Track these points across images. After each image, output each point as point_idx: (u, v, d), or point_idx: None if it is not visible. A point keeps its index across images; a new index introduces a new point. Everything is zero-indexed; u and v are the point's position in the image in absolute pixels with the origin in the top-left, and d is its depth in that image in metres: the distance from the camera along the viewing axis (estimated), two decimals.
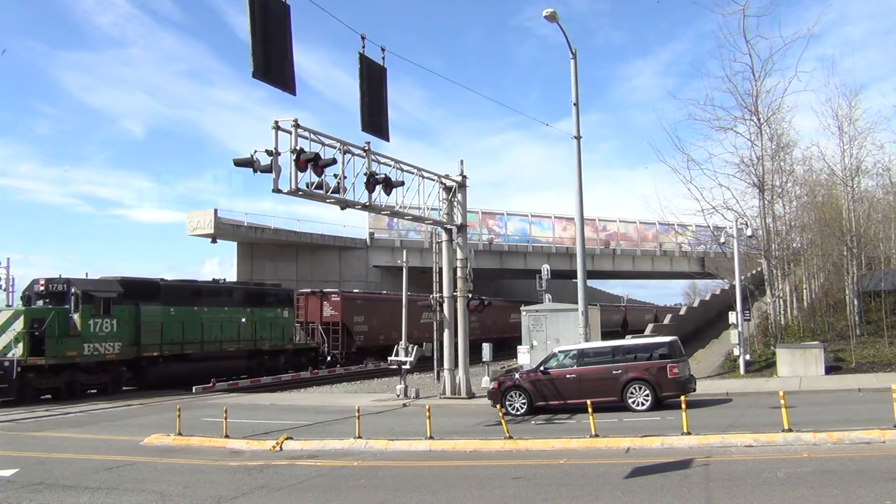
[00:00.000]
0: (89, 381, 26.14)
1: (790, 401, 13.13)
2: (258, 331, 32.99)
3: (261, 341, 33.05)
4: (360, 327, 38.61)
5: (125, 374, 27.43)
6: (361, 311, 39.03)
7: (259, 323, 33.06)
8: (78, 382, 25.59)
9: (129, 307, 27.19)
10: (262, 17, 12.80)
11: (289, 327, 35.40)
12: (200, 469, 12.30)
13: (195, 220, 44.37)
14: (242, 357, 32.14)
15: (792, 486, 8.96)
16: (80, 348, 25.17)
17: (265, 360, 33.17)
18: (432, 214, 23.27)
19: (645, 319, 66.75)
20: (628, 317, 63.83)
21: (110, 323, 26.19)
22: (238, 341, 31.87)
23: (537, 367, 18.48)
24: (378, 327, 39.63)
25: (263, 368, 32.59)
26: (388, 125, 17.64)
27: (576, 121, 22.95)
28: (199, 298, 30.62)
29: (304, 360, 35.66)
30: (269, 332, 33.58)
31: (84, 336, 25.20)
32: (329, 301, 37.62)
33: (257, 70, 12.70)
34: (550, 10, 20.83)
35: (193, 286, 31.45)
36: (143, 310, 27.69)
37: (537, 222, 60.20)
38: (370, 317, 39.39)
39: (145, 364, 27.83)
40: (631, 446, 12.24)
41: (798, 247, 35.63)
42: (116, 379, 27.11)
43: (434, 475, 11.30)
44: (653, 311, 76.69)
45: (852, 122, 30.92)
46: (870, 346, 26.57)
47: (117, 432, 17.31)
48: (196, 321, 29.95)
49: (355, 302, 39.01)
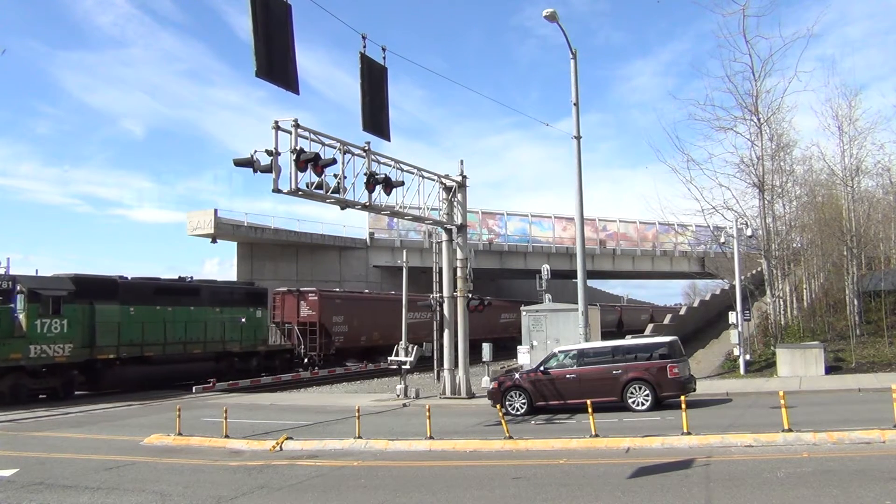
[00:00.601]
0: (37, 385, 24.74)
1: (790, 401, 13.13)
2: (228, 331, 31.38)
3: (230, 342, 31.45)
4: (339, 328, 37.12)
5: (77, 377, 25.75)
6: (341, 310, 37.46)
7: (229, 323, 31.51)
8: (24, 387, 24.10)
9: (82, 306, 25.52)
10: (264, 16, 12.82)
11: (262, 328, 33.86)
12: (200, 469, 12.30)
13: (195, 220, 44.37)
14: (210, 359, 30.46)
15: (792, 486, 8.96)
16: (26, 350, 23.61)
17: (235, 362, 31.65)
18: (432, 214, 23.27)
19: (641, 319, 66.52)
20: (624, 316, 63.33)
21: (60, 323, 24.58)
22: (205, 343, 30.20)
23: (537, 367, 18.48)
24: (359, 328, 38.41)
25: (233, 371, 31.08)
26: (389, 125, 17.66)
27: (576, 121, 22.96)
28: (162, 297, 29.05)
29: (279, 363, 34.17)
30: (239, 332, 31.95)
31: (30, 337, 23.73)
32: (306, 300, 36.02)
33: (261, 69, 12.71)
34: (550, 10, 20.84)
35: (155, 284, 29.84)
36: (98, 309, 26.04)
37: (537, 222, 60.22)
38: (351, 317, 37.92)
39: (100, 367, 26.21)
40: (631, 446, 12.24)
41: (798, 247, 35.64)
42: (68, 383, 25.57)
43: (434, 475, 11.30)
44: (649, 311, 76.07)
45: (852, 122, 30.97)
46: (870, 346, 26.57)
47: (117, 432, 17.31)
48: (158, 321, 28.37)
49: (334, 301, 37.51)
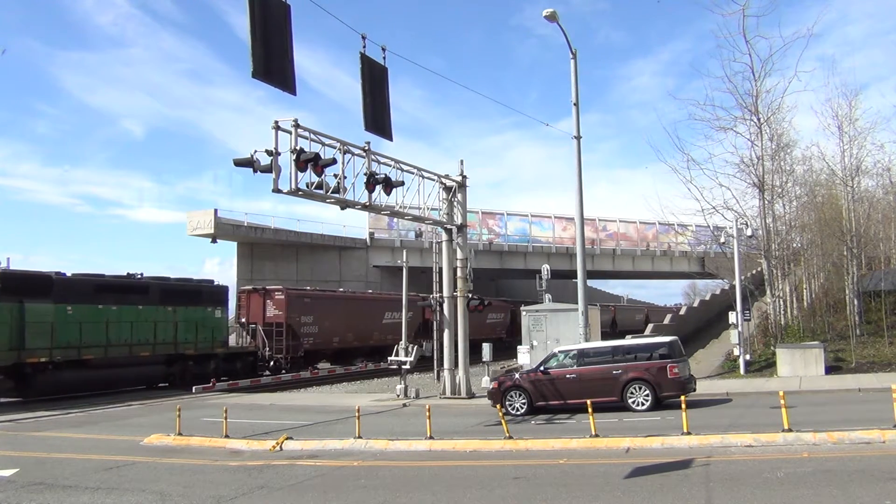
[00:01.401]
0: None
1: (790, 401, 13.13)
2: (181, 332, 29.18)
3: (184, 344, 29.26)
4: (308, 328, 35.13)
5: (4, 383, 23.46)
6: (311, 310, 35.32)
7: (183, 324, 29.33)
8: None
9: (9, 304, 23.31)
10: (262, 16, 12.79)
11: (221, 328, 31.69)
12: (200, 469, 12.30)
13: (195, 220, 44.36)
14: (160, 362, 28.44)
15: (792, 486, 8.96)
16: None
17: (189, 365, 29.47)
18: (432, 214, 23.27)
19: (636, 319, 66.19)
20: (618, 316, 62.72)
21: None
22: (154, 344, 28.05)
23: (537, 367, 18.48)
24: (331, 328, 36.46)
25: (188, 375, 28.97)
26: (391, 125, 17.65)
27: (576, 121, 22.96)
28: (106, 295, 26.67)
29: (241, 366, 31.97)
30: (194, 333, 29.73)
31: None
32: (272, 299, 33.87)
33: (257, 70, 12.69)
34: (550, 10, 20.84)
35: (97, 281, 27.06)
36: (28, 308, 23.77)
37: (537, 222, 60.21)
38: (322, 317, 35.85)
39: (30, 371, 23.90)
40: (631, 446, 12.23)
41: (798, 247, 35.63)
42: None
43: (434, 475, 11.29)
44: (644, 311, 75.47)
45: (852, 122, 30.98)
46: (870, 346, 26.56)
47: (117, 432, 17.31)
48: (99, 321, 26.05)
49: (303, 300, 35.38)
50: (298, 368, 33.70)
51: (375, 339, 39.56)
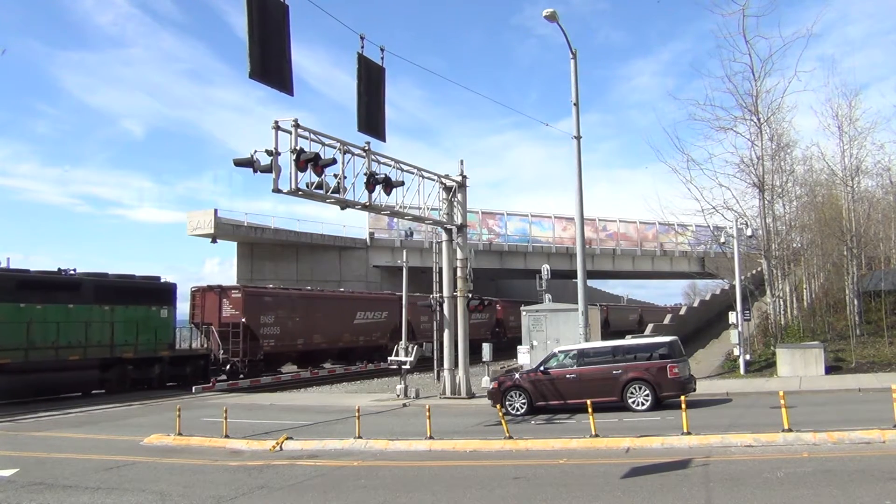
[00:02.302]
0: None
1: (790, 401, 13.14)
2: (119, 334, 26.78)
3: (122, 347, 26.84)
4: (269, 329, 32.79)
5: None
6: (271, 309, 33.18)
7: (122, 324, 26.96)
8: None
9: None
10: (261, 17, 12.79)
11: (167, 329, 29.29)
12: (200, 469, 12.30)
13: (195, 220, 44.38)
14: (92, 367, 25.92)
15: (792, 486, 8.96)
16: None
17: (129, 370, 27.19)
18: (432, 214, 23.27)
19: (630, 319, 66.03)
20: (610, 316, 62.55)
21: None
22: (85, 347, 25.57)
23: (537, 367, 18.48)
24: (295, 330, 34.27)
25: (127, 381, 26.93)
26: (384, 126, 17.63)
27: (576, 121, 22.96)
28: (28, 293, 24.38)
29: (191, 370, 29.64)
30: (134, 335, 27.34)
31: None
32: (228, 298, 31.61)
33: (254, 71, 12.70)
34: (550, 10, 20.84)
35: (19, 277, 24.71)
36: None
37: (537, 222, 60.22)
38: (285, 317, 33.70)
39: None
40: (631, 446, 12.24)
41: (798, 247, 35.64)
42: None
43: (434, 475, 11.30)
44: (637, 311, 75.02)
45: (852, 122, 30.99)
46: (870, 346, 26.56)
47: (117, 432, 17.31)
48: (19, 322, 23.66)
49: (262, 299, 33.12)
50: (258, 373, 31.52)
51: (346, 340, 37.86)
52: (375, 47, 17.11)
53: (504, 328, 49.50)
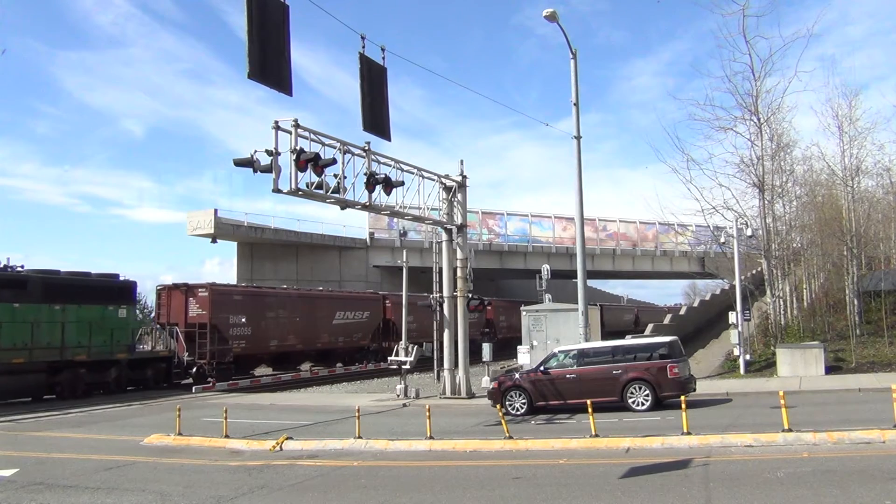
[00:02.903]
0: None
1: (790, 401, 13.13)
2: (71, 335, 24.94)
3: (74, 349, 24.99)
4: (239, 330, 31.24)
5: None
6: (242, 309, 31.66)
7: (74, 325, 25.10)
8: None
9: None
10: (260, 17, 12.78)
11: (125, 330, 27.27)
12: (200, 469, 12.30)
13: (195, 220, 44.40)
14: (39, 371, 24.17)
15: (792, 486, 8.96)
16: None
17: (82, 374, 25.36)
18: (432, 214, 23.27)
19: (624, 320, 65.86)
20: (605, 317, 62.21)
21: None
22: (30, 349, 23.72)
23: (537, 367, 18.48)
24: (268, 330, 32.90)
25: (80, 386, 25.15)
26: (389, 125, 17.66)
27: (576, 121, 22.96)
28: None
29: (153, 374, 28.11)
30: (87, 336, 25.46)
31: None
32: (195, 297, 30.19)
33: (253, 71, 12.68)
34: (550, 10, 20.83)
35: None
36: None
37: (537, 222, 60.24)
38: (257, 317, 32.34)
39: None
40: (631, 446, 12.23)
41: (798, 247, 35.64)
42: None
43: (434, 475, 11.29)
44: (633, 311, 74.75)
45: (852, 122, 31.02)
46: (870, 346, 26.56)
47: (117, 432, 17.31)
48: None
49: (231, 298, 31.64)
50: (227, 376, 29.81)
51: (324, 341, 36.55)
52: (376, 47, 17.14)
53: (494, 328, 49.27)
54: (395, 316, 40.75)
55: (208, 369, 29.70)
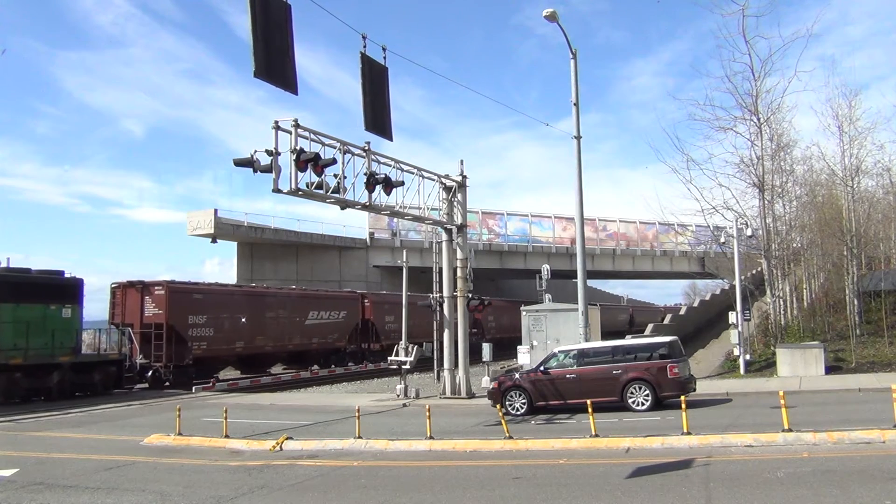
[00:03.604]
0: None
1: (790, 401, 13.13)
2: (6, 336, 23.17)
3: (10, 352, 23.16)
4: (199, 331, 29.48)
5: None
6: (203, 308, 29.80)
7: (9, 325, 23.30)
8: None
9: None
10: (263, 16, 12.85)
11: (69, 331, 25.23)
12: (200, 469, 12.30)
13: (195, 220, 44.39)
14: None
15: (792, 486, 8.96)
16: None
17: (17, 378, 23.40)
18: (432, 214, 23.27)
19: (619, 320, 65.77)
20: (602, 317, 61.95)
21: None
22: None
23: (537, 367, 18.48)
24: (232, 331, 31.15)
25: (16, 392, 23.48)
26: (391, 125, 17.68)
27: (576, 121, 22.96)
28: None
29: (100, 378, 25.90)
30: (25, 338, 23.40)
31: None
32: (151, 295, 28.50)
33: (259, 70, 12.74)
34: (550, 10, 20.84)
35: None
36: None
37: (537, 222, 60.24)
38: (220, 317, 30.55)
39: None
40: (631, 446, 12.24)
41: (798, 247, 35.65)
42: None
43: (434, 475, 11.29)
44: (628, 311, 74.70)
45: (852, 122, 31.02)
46: (870, 346, 26.57)
47: (117, 432, 17.31)
48: None
49: (191, 296, 29.72)
50: (186, 380, 27.91)
51: (296, 343, 34.80)
52: (377, 47, 17.16)
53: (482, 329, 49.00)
54: (376, 316, 40.18)
55: (164, 373, 28.23)
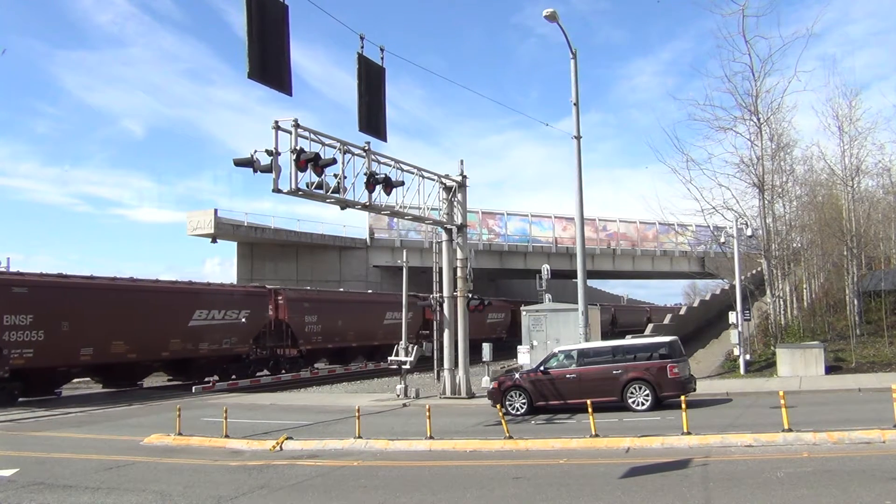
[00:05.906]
0: None
1: (790, 401, 13.13)
2: None
3: None
4: (21, 335, 23.05)
5: None
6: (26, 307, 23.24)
7: None
8: None
9: None
10: (260, 17, 12.81)
11: None
12: (200, 469, 12.30)
13: (195, 220, 44.39)
14: None
15: (792, 486, 8.96)
16: None
17: None
18: (432, 214, 23.27)
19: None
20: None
21: None
22: None
23: (537, 367, 18.48)
24: (74, 336, 24.43)
25: None
26: (385, 126, 17.65)
27: (576, 120, 22.95)
28: None
29: None
30: None
31: None
32: None
33: (253, 71, 12.71)
34: (550, 10, 20.82)
35: None
36: None
37: (537, 222, 60.23)
38: (54, 317, 23.90)
39: None
40: (631, 446, 12.23)
41: (798, 247, 35.63)
42: None
43: (434, 475, 11.29)
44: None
45: (852, 121, 30.98)
46: (870, 346, 26.56)
47: (117, 432, 17.30)
48: None
49: (10, 290, 23.11)
50: (5, 398, 22.82)
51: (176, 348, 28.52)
52: (375, 47, 17.13)
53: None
54: (292, 316, 34.06)
55: None
